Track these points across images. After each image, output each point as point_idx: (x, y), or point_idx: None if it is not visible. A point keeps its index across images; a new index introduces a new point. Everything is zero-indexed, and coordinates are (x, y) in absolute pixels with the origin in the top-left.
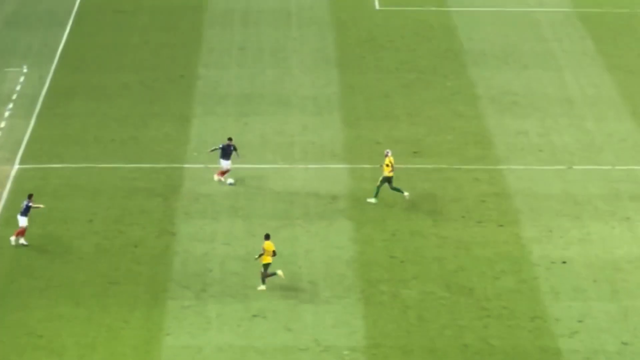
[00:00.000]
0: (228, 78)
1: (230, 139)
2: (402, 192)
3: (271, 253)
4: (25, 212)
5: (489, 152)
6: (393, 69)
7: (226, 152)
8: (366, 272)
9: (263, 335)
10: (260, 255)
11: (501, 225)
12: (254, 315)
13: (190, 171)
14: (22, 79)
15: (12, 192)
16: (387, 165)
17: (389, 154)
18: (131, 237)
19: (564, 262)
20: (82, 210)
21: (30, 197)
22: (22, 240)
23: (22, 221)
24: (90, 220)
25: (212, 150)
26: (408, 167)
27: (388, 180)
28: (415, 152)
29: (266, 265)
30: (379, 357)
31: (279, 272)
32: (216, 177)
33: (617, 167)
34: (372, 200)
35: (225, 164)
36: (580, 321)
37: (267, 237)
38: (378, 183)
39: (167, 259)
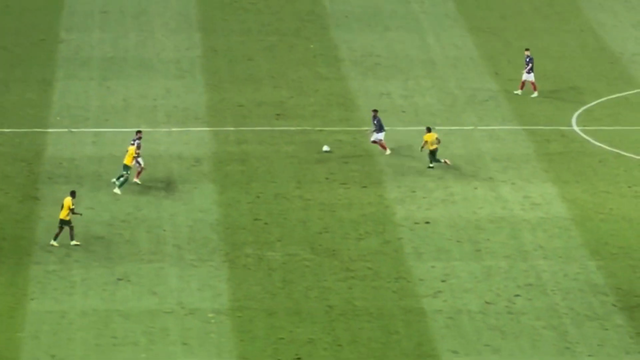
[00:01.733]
0: (90, 42)
1: (375, 111)
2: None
3: (68, 210)
4: None
5: (352, 114)
6: (256, 31)
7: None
8: (231, 235)
9: (128, 299)
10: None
11: (365, 187)
12: (119, 279)
13: (54, 136)
14: None
15: None
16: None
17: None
18: None
19: (428, 223)
20: None
21: None
22: None
23: None
24: None
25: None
26: (272, 129)
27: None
28: (278, 115)
29: (63, 221)
30: (244, 320)
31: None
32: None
33: (479, 128)
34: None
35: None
36: (443, 281)
37: (72, 194)
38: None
39: (31, 224)
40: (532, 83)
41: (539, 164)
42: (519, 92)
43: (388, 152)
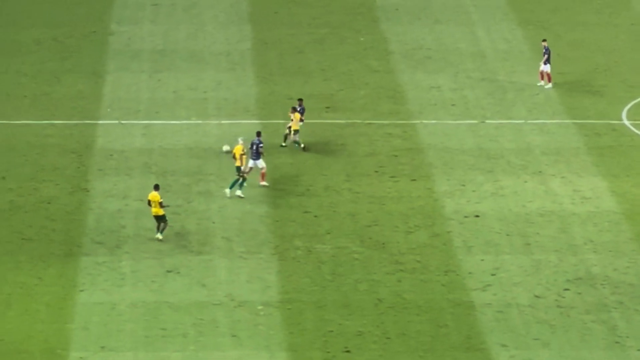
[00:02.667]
0: (141, 34)
1: (300, 100)
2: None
3: (158, 204)
4: None
5: (401, 107)
6: (306, 24)
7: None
8: (280, 228)
9: (177, 291)
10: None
11: (414, 180)
12: (168, 271)
13: (104, 128)
14: None
15: None
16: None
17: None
18: (44, 194)
19: (477, 216)
20: None
21: None
22: None
23: None
24: (3, 177)
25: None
26: (322, 122)
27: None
28: (328, 108)
29: (159, 217)
30: (293, 312)
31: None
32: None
33: (529, 121)
34: None
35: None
36: (493, 274)
37: (155, 187)
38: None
39: (81, 216)
40: (548, 74)
41: (588, 157)
42: (541, 83)
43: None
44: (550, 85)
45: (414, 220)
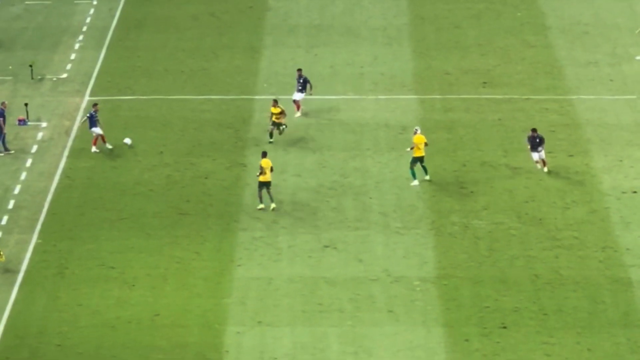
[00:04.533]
0: (298, 9)
1: (299, 70)
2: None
3: (269, 170)
4: (92, 122)
5: (559, 83)
6: None
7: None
8: (436, 203)
9: (334, 266)
10: (260, 173)
11: (571, 156)
12: (325, 246)
13: (261, 102)
14: (91, 11)
15: (84, 124)
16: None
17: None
18: (201, 169)
19: (635, 192)
20: (152, 143)
21: (94, 105)
22: (108, 145)
23: (96, 130)
24: (161, 152)
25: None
26: (478, 97)
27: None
28: (485, 83)
29: (262, 184)
30: (450, 288)
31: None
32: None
33: None
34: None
35: (298, 96)
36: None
37: (264, 154)
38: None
39: (238, 191)
40: None
41: None
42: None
43: (298, 114)
44: None
45: (571, 196)
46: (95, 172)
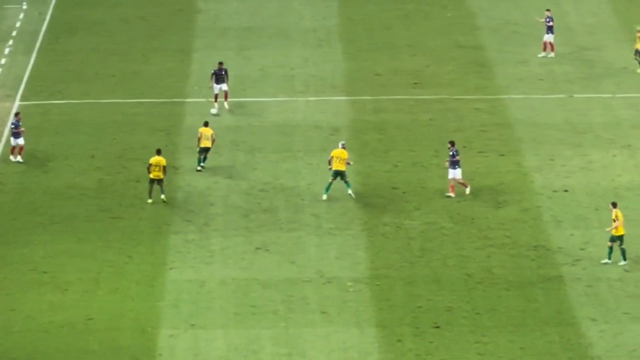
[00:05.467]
0: (228, 11)
1: (221, 63)
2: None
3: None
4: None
5: (489, 82)
6: (392, 0)
7: (219, 77)
8: (369, 204)
9: (266, 268)
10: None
11: (502, 155)
12: (257, 248)
13: (192, 105)
14: (21, 15)
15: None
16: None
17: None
18: (133, 172)
19: (566, 191)
20: (84, 146)
21: (16, 115)
22: (19, 158)
23: (18, 141)
24: (93, 155)
25: (211, 86)
26: (409, 98)
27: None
28: (415, 83)
29: (159, 181)
30: (383, 288)
31: None
32: (213, 110)
33: (617, 95)
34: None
35: (217, 88)
36: (582, 249)
37: (158, 152)
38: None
39: (171, 193)
40: (551, 44)
41: None
42: (543, 54)
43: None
44: (552, 54)
45: (503, 195)
46: (27, 176)
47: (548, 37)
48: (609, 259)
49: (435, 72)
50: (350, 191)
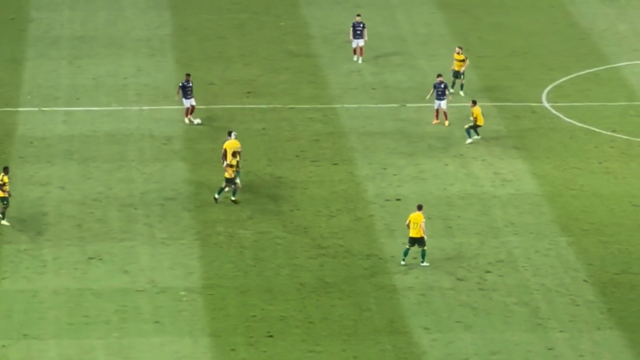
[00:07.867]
0: (60, 20)
1: (188, 75)
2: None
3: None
4: None
5: (322, 92)
6: (226, 9)
7: (186, 89)
8: (202, 214)
9: (100, 277)
10: None
11: (335, 164)
12: (90, 258)
13: (24, 115)
14: None
15: None
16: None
17: None
18: None
19: (399, 200)
20: None
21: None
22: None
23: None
24: None
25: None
26: (242, 107)
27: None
28: (249, 93)
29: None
30: (216, 298)
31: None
32: (186, 120)
33: (449, 105)
34: None
35: (187, 103)
36: (415, 258)
37: (5, 170)
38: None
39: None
40: (361, 49)
41: (509, 140)
42: (355, 58)
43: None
44: (361, 60)
45: (335, 204)
46: None
47: (358, 42)
48: (404, 260)
49: (269, 81)
50: (234, 197)
